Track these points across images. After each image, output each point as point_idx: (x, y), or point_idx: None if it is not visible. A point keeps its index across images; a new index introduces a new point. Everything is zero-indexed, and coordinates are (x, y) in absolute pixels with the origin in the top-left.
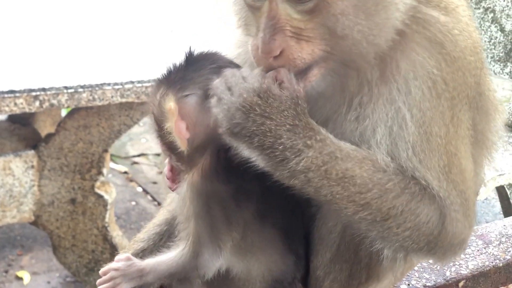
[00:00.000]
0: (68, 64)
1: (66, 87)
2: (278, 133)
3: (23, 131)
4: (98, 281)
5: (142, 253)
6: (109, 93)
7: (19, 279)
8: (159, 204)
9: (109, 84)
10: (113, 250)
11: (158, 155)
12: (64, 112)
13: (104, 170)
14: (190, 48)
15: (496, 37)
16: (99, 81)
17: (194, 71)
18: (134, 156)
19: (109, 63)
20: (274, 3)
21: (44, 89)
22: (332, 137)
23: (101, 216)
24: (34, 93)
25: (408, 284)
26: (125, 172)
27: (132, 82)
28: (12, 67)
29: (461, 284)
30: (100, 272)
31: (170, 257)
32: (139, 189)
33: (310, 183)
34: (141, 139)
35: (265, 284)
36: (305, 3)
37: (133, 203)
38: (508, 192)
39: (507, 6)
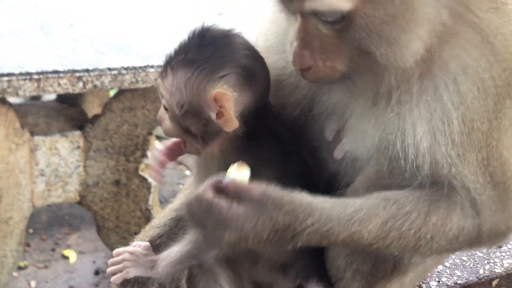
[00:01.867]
0: (112, 45)
1: (109, 69)
2: (264, 238)
3: (70, 111)
4: (111, 260)
5: (159, 240)
6: (152, 76)
7: (65, 258)
8: None
9: (152, 67)
10: None
11: None
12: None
13: (149, 153)
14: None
15: None
16: (143, 64)
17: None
18: None
19: (153, 46)
20: (305, 17)
21: (87, 70)
22: (329, 206)
23: (145, 198)
24: (77, 74)
25: (439, 281)
26: None
27: None
28: (57, 48)
29: (494, 282)
30: (114, 252)
31: (182, 241)
32: (187, 172)
33: (316, 244)
34: None
35: (294, 253)
36: (334, 19)
37: (181, 186)
38: None
39: None
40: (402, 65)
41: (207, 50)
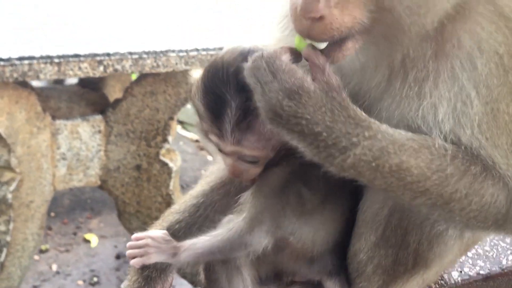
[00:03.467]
0: (133, 29)
1: (130, 53)
2: (316, 131)
3: (92, 96)
4: (130, 243)
5: (178, 225)
6: (173, 60)
7: (87, 241)
8: None
9: (173, 51)
10: None
11: None
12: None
13: (170, 138)
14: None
15: None
16: (164, 48)
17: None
18: None
19: (174, 30)
20: None
21: (108, 54)
22: (384, 128)
23: (166, 183)
24: (98, 58)
25: (461, 271)
26: (197, 141)
27: (197, 50)
28: (78, 32)
29: None
30: (134, 237)
31: (213, 234)
32: (210, 158)
33: (362, 176)
34: None
35: (326, 247)
36: None
37: (202, 171)
38: None
39: None
40: (423, 27)
41: None
